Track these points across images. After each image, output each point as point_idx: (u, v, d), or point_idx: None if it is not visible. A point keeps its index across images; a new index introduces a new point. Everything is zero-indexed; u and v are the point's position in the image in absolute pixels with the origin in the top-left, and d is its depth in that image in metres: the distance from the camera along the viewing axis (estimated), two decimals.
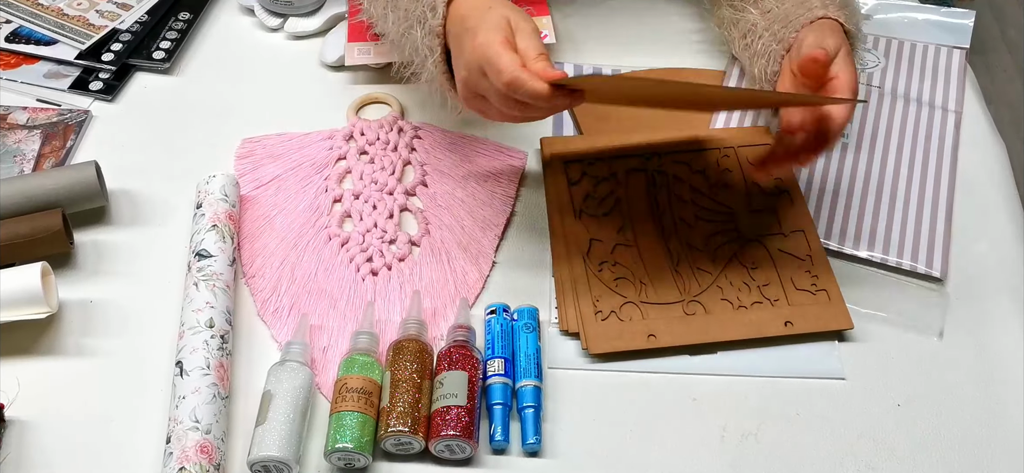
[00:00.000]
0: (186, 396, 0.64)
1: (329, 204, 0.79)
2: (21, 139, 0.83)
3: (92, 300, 0.73)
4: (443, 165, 0.82)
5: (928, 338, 0.73)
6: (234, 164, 0.82)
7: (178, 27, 0.94)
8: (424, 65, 0.72)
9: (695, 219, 0.78)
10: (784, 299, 0.73)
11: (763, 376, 0.70)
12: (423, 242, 0.77)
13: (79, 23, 0.93)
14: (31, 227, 0.73)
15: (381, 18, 0.79)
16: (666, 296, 0.73)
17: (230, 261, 0.73)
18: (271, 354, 0.70)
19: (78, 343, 0.70)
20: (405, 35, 0.74)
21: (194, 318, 0.68)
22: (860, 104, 0.79)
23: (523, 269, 0.76)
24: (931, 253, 0.77)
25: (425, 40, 0.71)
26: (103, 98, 0.88)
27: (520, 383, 0.67)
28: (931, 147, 0.86)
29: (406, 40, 0.74)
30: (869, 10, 0.99)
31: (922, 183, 0.83)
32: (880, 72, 0.92)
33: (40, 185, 0.75)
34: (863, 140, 0.86)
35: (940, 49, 0.95)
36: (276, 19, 0.95)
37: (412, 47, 0.73)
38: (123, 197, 0.80)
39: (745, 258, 0.75)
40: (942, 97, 0.91)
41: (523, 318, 0.70)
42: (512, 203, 0.80)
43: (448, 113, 0.74)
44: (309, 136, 0.85)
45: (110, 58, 0.90)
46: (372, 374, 0.66)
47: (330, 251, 0.76)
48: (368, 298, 0.73)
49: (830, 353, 0.71)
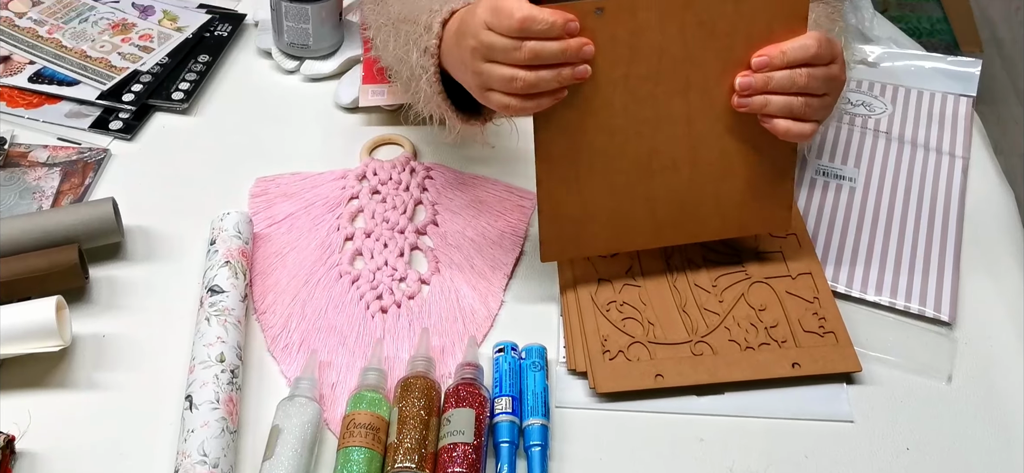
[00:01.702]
0: (195, 429, 0.64)
1: (340, 242, 0.80)
2: (41, 176, 0.85)
3: (105, 334, 0.74)
4: (454, 205, 0.84)
5: (937, 382, 0.72)
6: (248, 202, 0.84)
7: (197, 69, 0.96)
8: (419, 86, 0.74)
9: (703, 260, 0.78)
10: (792, 340, 0.73)
11: (771, 418, 0.69)
12: (433, 280, 0.78)
13: (101, 64, 0.95)
14: (48, 261, 0.74)
15: (383, 47, 0.81)
16: (674, 336, 0.73)
17: (242, 297, 0.73)
18: (280, 389, 0.70)
19: (90, 377, 0.71)
20: (403, 59, 0.76)
21: (205, 352, 0.69)
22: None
23: (531, 308, 0.76)
24: (939, 297, 0.77)
25: (420, 60, 0.72)
26: (122, 137, 0.90)
27: (527, 421, 0.67)
28: (938, 192, 0.86)
29: (404, 64, 0.76)
30: (876, 58, 1.00)
31: (929, 227, 0.83)
32: (887, 118, 0.93)
33: (58, 221, 0.77)
34: (870, 184, 0.87)
35: (947, 97, 0.96)
36: (293, 62, 0.97)
37: (410, 69, 0.75)
38: (139, 233, 0.81)
39: (752, 299, 0.75)
40: (949, 143, 0.91)
41: (531, 357, 0.71)
42: (521, 243, 0.81)
43: (445, 136, 0.75)
44: (322, 176, 0.86)
45: (130, 98, 0.92)
46: (380, 410, 0.66)
47: (341, 288, 0.77)
48: (377, 335, 0.74)
49: (838, 395, 0.71)
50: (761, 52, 0.68)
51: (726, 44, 0.67)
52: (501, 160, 0.88)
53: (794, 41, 0.67)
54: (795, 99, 0.68)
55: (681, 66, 0.68)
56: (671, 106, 0.70)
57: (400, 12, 0.77)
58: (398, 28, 0.77)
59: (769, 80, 0.67)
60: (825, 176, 0.87)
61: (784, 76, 0.67)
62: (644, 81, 0.68)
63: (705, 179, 0.73)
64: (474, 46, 0.65)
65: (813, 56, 0.67)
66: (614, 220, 0.74)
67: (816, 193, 0.85)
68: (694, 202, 0.74)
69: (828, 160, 0.89)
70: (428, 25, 0.71)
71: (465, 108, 0.75)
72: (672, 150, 0.71)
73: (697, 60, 0.68)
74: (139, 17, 1.02)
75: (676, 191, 0.73)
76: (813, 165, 0.88)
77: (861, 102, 0.95)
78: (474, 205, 0.84)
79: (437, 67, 0.72)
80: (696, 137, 0.71)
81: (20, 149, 0.88)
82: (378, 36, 0.83)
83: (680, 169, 0.72)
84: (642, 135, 0.70)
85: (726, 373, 0.71)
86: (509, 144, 0.88)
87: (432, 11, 0.72)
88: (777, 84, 0.67)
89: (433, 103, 0.74)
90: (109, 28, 1.00)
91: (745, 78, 0.68)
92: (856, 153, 0.89)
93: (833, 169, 0.88)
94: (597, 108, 0.69)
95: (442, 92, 0.73)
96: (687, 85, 0.69)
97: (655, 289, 0.76)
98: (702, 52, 0.68)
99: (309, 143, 0.90)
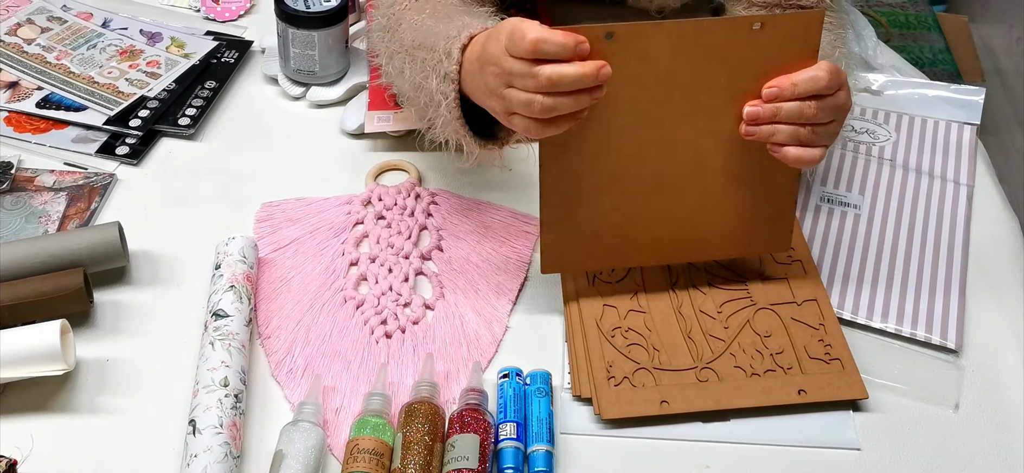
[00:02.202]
0: (198, 454, 0.64)
1: (345, 267, 0.80)
2: (47, 200, 0.85)
3: (109, 359, 0.73)
4: (459, 230, 0.84)
5: (944, 410, 0.72)
6: (253, 227, 0.84)
7: (204, 95, 0.97)
8: (438, 111, 0.74)
9: (708, 286, 0.78)
10: (797, 367, 0.72)
11: (777, 445, 0.69)
12: (437, 306, 0.78)
13: (109, 90, 0.96)
14: (52, 285, 0.74)
15: (398, 74, 0.82)
16: (679, 363, 0.72)
17: (246, 321, 0.73)
18: (284, 414, 0.70)
19: (93, 401, 0.71)
20: (421, 86, 0.76)
21: (209, 377, 0.68)
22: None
23: (536, 334, 0.76)
24: (945, 324, 0.77)
25: (440, 86, 0.73)
26: (128, 162, 0.90)
27: (532, 448, 0.67)
28: (944, 219, 0.86)
29: (421, 91, 0.76)
30: (880, 86, 1.01)
31: (935, 254, 0.83)
32: (892, 146, 0.93)
33: (63, 245, 0.77)
34: (876, 211, 0.87)
35: (951, 125, 0.97)
36: (299, 88, 0.97)
37: (427, 97, 0.75)
38: (144, 258, 0.81)
39: (758, 326, 0.75)
40: (954, 171, 0.91)
41: (536, 382, 0.71)
42: (526, 268, 0.81)
43: (463, 161, 0.76)
44: (328, 201, 0.86)
45: (137, 124, 0.93)
46: (384, 436, 0.66)
47: (345, 313, 0.77)
48: (381, 360, 0.74)
49: (845, 423, 0.70)
50: (772, 83, 0.68)
51: (736, 72, 0.68)
52: (506, 186, 0.88)
53: (805, 73, 0.68)
54: (802, 128, 0.68)
55: (689, 91, 0.68)
56: (678, 129, 0.70)
57: (415, 39, 0.78)
58: (414, 55, 0.77)
59: (778, 110, 0.68)
60: (830, 203, 0.87)
61: (793, 107, 0.68)
62: (652, 104, 0.68)
63: (709, 200, 0.73)
64: (497, 73, 0.66)
65: (823, 87, 0.68)
66: (616, 236, 0.74)
67: (821, 220, 0.85)
68: (697, 222, 0.74)
69: (833, 187, 0.89)
70: (447, 51, 0.72)
71: (481, 133, 0.76)
72: (677, 171, 0.72)
73: (706, 86, 0.68)
74: (147, 44, 1.02)
75: (680, 211, 0.73)
76: (818, 191, 0.88)
77: (865, 130, 0.95)
78: (479, 231, 0.84)
79: (457, 92, 0.72)
80: (702, 159, 0.71)
81: (27, 173, 0.88)
82: (391, 63, 0.83)
83: (684, 190, 0.73)
84: (648, 156, 0.71)
85: (731, 400, 0.70)
86: (522, 168, 0.89)
87: (449, 37, 0.72)
88: (786, 114, 0.68)
89: (451, 128, 0.74)
90: (117, 54, 1.00)
91: (753, 108, 0.68)
92: (861, 180, 0.89)
93: (838, 196, 0.88)
94: (604, 127, 0.69)
95: (461, 118, 0.73)
96: (694, 109, 0.69)
97: (660, 315, 0.76)
98: (711, 78, 0.68)
99: (315, 169, 0.90)
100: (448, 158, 0.89)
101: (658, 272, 0.79)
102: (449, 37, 0.72)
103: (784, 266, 0.79)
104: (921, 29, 2.15)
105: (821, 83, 0.67)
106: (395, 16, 0.82)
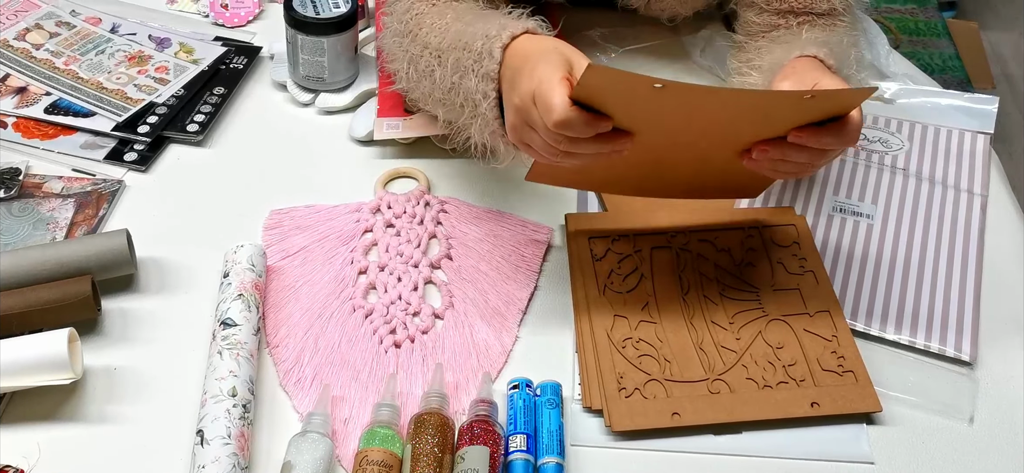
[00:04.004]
0: (206, 465, 0.64)
1: (354, 275, 0.80)
2: (55, 207, 0.85)
3: (116, 367, 0.73)
4: (468, 239, 0.83)
5: (958, 423, 0.71)
6: (262, 235, 0.83)
7: (212, 101, 0.96)
8: (476, 112, 0.73)
9: (720, 297, 0.77)
10: (810, 379, 0.72)
11: (789, 458, 0.68)
12: (447, 315, 0.77)
13: (117, 96, 0.96)
14: (60, 293, 0.74)
15: (423, 77, 0.80)
16: (690, 374, 0.72)
17: (255, 330, 0.73)
18: (292, 424, 0.70)
19: (101, 410, 0.70)
20: (455, 87, 0.75)
21: (217, 386, 0.68)
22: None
23: (546, 344, 0.76)
24: (960, 336, 0.76)
25: (480, 85, 0.72)
26: (137, 168, 0.90)
27: (542, 460, 0.66)
28: (957, 229, 0.85)
29: (456, 92, 0.75)
30: (892, 95, 1.00)
31: (949, 265, 0.82)
32: (904, 155, 0.93)
33: (71, 252, 0.76)
34: (888, 220, 0.86)
35: (964, 134, 0.96)
36: (308, 94, 0.97)
37: (464, 95, 0.74)
38: (152, 265, 0.81)
39: (770, 337, 0.74)
40: (967, 180, 0.91)
41: (546, 394, 0.70)
42: (536, 278, 0.80)
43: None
44: (336, 208, 0.86)
45: (145, 130, 0.92)
46: (393, 447, 0.65)
47: (354, 322, 0.76)
48: (391, 370, 0.73)
49: (858, 436, 0.70)
50: (799, 133, 0.67)
51: (774, 125, 0.68)
52: (516, 194, 0.88)
53: (836, 132, 0.67)
54: (806, 165, 0.70)
55: (722, 129, 0.69)
56: (694, 146, 0.71)
57: (442, 41, 0.77)
58: (444, 55, 0.76)
59: (790, 152, 0.69)
60: (842, 213, 0.86)
61: (807, 154, 0.69)
62: (682, 133, 0.69)
63: (701, 172, 0.75)
64: (519, 106, 0.67)
65: (846, 144, 0.68)
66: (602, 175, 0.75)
67: (833, 230, 0.85)
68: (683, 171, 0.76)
69: (845, 196, 0.88)
70: (488, 50, 0.71)
71: None
72: (676, 158, 0.73)
73: (740, 130, 0.69)
74: (156, 49, 1.02)
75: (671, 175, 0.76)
76: (830, 201, 0.87)
77: (878, 139, 0.94)
78: (489, 239, 0.83)
79: (498, 92, 0.71)
80: (704, 158, 0.73)
81: (35, 179, 0.88)
82: (413, 67, 0.82)
83: (678, 169, 0.75)
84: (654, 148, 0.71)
85: (744, 412, 0.70)
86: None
87: (488, 36, 0.71)
88: (796, 155, 0.69)
89: (488, 128, 0.73)
90: (126, 60, 1.00)
91: (763, 150, 0.69)
92: (874, 190, 0.89)
93: (850, 206, 0.87)
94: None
95: (500, 118, 0.72)
96: (723, 142, 0.70)
97: (672, 326, 0.75)
98: (749, 127, 0.68)
99: (323, 176, 0.90)
100: (458, 165, 0.89)
101: (669, 284, 0.78)
102: (488, 36, 0.71)
103: (796, 277, 0.79)
104: (931, 35, 2.14)
105: (846, 142, 0.68)
106: (413, 20, 0.81)
